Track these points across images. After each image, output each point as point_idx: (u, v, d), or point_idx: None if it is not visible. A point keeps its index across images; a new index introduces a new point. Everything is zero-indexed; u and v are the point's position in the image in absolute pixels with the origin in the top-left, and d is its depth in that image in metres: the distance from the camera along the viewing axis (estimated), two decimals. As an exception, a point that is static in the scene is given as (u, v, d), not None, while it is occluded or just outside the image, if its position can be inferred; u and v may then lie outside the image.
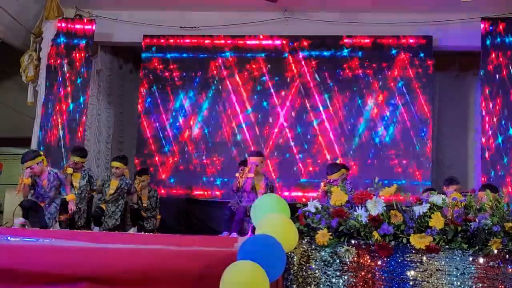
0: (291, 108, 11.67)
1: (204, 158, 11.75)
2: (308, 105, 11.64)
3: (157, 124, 11.94)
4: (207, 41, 11.98)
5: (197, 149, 11.80)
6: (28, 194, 8.93)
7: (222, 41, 11.96)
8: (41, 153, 9.20)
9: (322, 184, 9.60)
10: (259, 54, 11.87)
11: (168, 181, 11.77)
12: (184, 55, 12.05)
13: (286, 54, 11.80)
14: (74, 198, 9.04)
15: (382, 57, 11.57)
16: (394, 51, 11.56)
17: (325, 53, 11.72)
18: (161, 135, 11.91)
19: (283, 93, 11.72)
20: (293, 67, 11.75)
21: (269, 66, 11.81)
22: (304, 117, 11.63)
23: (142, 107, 12.03)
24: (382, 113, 11.46)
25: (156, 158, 11.84)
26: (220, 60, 11.94)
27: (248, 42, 11.90)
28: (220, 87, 11.89)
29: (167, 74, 12.05)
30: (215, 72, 11.94)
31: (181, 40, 12.05)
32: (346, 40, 11.67)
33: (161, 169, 11.80)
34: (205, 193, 11.68)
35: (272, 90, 11.76)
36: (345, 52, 11.67)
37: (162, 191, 11.36)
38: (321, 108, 11.60)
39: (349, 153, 11.41)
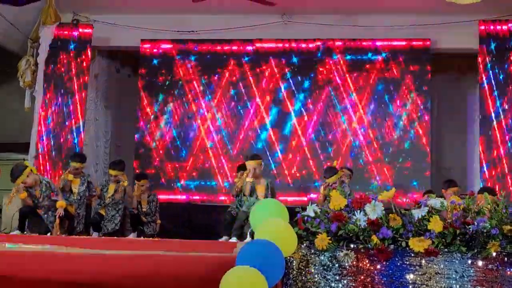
0: (289, 112, 11.68)
1: (203, 162, 11.75)
2: (306, 108, 11.65)
3: (155, 128, 11.94)
4: (205, 45, 11.99)
5: (195, 153, 11.80)
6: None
7: (220, 45, 11.96)
8: (27, 164, 9.25)
9: (321, 188, 9.60)
10: (257, 58, 11.87)
11: (168, 186, 11.77)
12: (182, 59, 12.05)
13: (286, 58, 11.80)
14: (64, 206, 9.07)
15: (380, 59, 11.57)
16: (392, 54, 11.57)
17: (324, 56, 11.72)
18: (159, 140, 11.91)
19: (282, 97, 11.72)
20: (293, 70, 11.75)
21: (267, 69, 11.81)
22: (302, 119, 11.63)
23: (140, 111, 12.02)
24: (380, 116, 11.46)
25: (155, 163, 11.85)
26: (218, 64, 11.94)
27: (247, 46, 11.91)
28: (218, 90, 11.89)
29: (164, 78, 12.05)
30: (213, 75, 11.93)
31: (179, 44, 12.05)
32: (343, 43, 11.68)
33: (160, 174, 11.80)
34: (205, 197, 11.68)
35: (273, 93, 11.77)
36: (343, 55, 11.68)
37: (162, 195, 11.34)
38: (317, 111, 11.62)
39: (348, 156, 11.41)
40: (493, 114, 10.70)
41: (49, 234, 8.89)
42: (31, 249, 5.41)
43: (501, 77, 10.75)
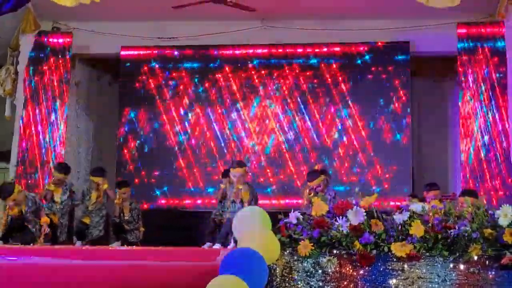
0: (272, 116, 11.69)
1: (184, 168, 11.73)
2: (284, 113, 11.66)
3: (137, 135, 11.90)
4: (185, 52, 11.98)
5: (177, 159, 11.77)
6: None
7: (201, 52, 11.96)
8: (15, 183, 9.35)
9: (306, 192, 9.61)
10: (238, 64, 11.88)
11: (150, 192, 11.73)
12: (163, 65, 12.03)
13: (266, 63, 11.82)
14: (48, 222, 9.11)
15: (360, 63, 11.61)
16: (371, 57, 11.61)
17: (304, 61, 11.75)
18: (141, 147, 11.87)
19: (263, 101, 11.74)
20: (273, 76, 11.77)
21: (248, 75, 11.83)
22: (285, 124, 11.65)
23: (121, 118, 11.98)
24: (360, 120, 11.50)
25: (136, 170, 11.80)
26: (198, 70, 11.93)
27: (226, 52, 11.92)
28: (198, 96, 11.88)
29: (145, 84, 12.01)
30: (194, 82, 11.93)
31: (159, 51, 12.03)
32: (324, 47, 11.71)
33: (142, 181, 11.76)
34: (188, 203, 11.66)
35: (253, 99, 11.78)
36: (323, 59, 11.71)
37: (144, 203, 11.33)
38: (296, 117, 11.64)
39: (328, 161, 11.43)
40: (473, 116, 10.77)
41: (32, 244, 8.86)
42: (14, 261, 5.39)
43: (480, 79, 10.83)
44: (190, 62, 11.98)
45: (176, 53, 12.02)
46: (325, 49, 11.73)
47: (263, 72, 11.81)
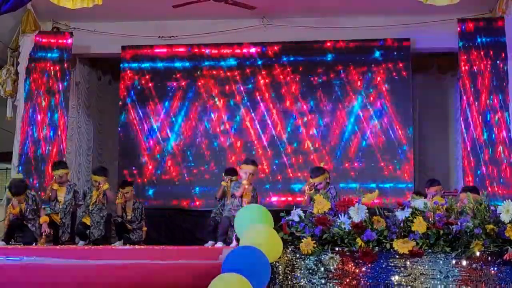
0: (272, 114, 11.68)
1: (185, 167, 11.73)
2: (287, 111, 11.66)
3: (138, 135, 11.90)
4: (185, 50, 11.98)
5: (178, 159, 11.78)
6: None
7: (201, 50, 11.96)
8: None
9: (306, 188, 9.58)
10: (238, 62, 11.88)
11: (151, 192, 11.74)
12: (163, 65, 12.03)
13: (266, 61, 11.81)
14: (47, 220, 9.13)
15: (361, 60, 11.60)
16: (372, 55, 11.60)
17: (305, 58, 11.73)
18: (142, 146, 11.87)
19: (265, 100, 11.73)
20: (274, 73, 11.76)
21: (249, 73, 11.82)
22: (285, 122, 11.65)
23: (122, 118, 11.98)
24: (362, 117, 11.49)
25: (138, 169, 11.81)
26: (199, 69, 11.94)
27: (227, 50, 11.92)
28: (200, 96, 11.88)
29: (146, 84, 12.01)
30: (194, 81, 11.93)
31: (160, 50, 12.03)
32: (324, 45, 11.70)
33: (144, 180, 11.77)
34: (188, 202, 11.66)
35: (254, 97, 11.77)
36: (324, 56, 11.70)
37: (145, 201, 11.32)
38: (298, 113, 11.64)
39: (331, 157, 11.43)
40: (474, 112, 10.76)
41: (34, 244, 8.88)
42: (16, 262, 5.38)
43: (480, 75, 10.81)
44: (190, 61, 11.97)
45: (176, 52, 12.01)
46: (325, 46, 11.71)
47: (264, 70, 11.80)
